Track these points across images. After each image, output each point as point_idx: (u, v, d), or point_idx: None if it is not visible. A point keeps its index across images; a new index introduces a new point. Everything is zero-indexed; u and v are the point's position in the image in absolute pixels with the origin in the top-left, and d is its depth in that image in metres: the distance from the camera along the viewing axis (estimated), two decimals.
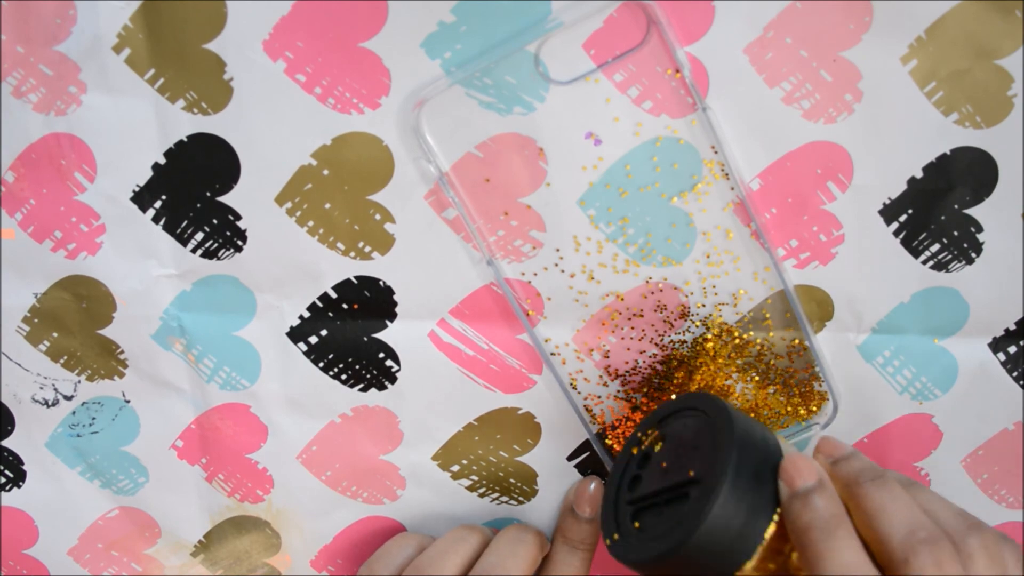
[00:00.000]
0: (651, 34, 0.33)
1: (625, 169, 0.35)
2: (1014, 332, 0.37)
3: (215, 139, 0.35)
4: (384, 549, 0.40)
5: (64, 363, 0.40)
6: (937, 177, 0.35)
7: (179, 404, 0.41)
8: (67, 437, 0.42)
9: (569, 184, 0.36)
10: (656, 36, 0.33)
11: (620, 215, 0.36)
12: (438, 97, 0.34)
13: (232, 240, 0.37)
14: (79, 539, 0.45)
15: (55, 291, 0.39)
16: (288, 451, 0.41)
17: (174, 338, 0.39)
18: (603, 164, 0.35)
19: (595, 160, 0.35)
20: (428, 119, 0.34)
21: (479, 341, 0.39)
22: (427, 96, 0.34)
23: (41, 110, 0.35)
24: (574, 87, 0.34)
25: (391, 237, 0.37)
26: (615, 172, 0.35)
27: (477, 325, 0.38)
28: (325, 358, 0.39)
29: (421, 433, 0.41)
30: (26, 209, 0.37)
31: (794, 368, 0.38)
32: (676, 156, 0.35)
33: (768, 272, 0.37)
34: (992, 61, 0.33)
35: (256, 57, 0.34)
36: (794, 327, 0.37)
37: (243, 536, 0.44)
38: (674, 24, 0.33)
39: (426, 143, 0.35)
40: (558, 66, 0.34)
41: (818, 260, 0.36)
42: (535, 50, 0.33)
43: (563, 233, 0.36)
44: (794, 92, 0.34)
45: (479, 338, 0.38)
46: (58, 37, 0.34)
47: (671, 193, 0.36)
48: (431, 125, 0.35)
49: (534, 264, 0.37)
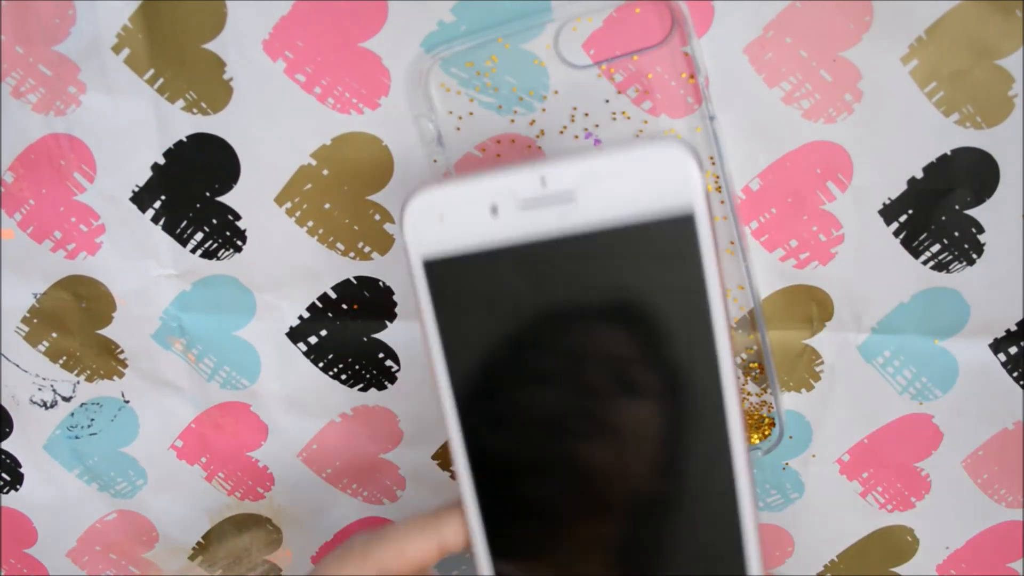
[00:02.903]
0: (673, 34, 0.33)
1: None
2: (1015, 333, 0.37)
3: (215, 139, 0.35)
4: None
5: (63, 363, 0.40)
6: (937, 177, 0.35)
7: (179, 403, 0.41)
8: (65, 439, 0.42)
9: None
10: (678, 37, 0.33)
11: None
12: (446, 60, 0.33)
13: (232, 240, 0.37)
14: (77, 541, 0.45)
15: (55, 291, 0.39)
16: (289, 449, 0.41)
17: (174, 338, 0.39)
18: None
19: None
20: (436, 76, 0.34)
21: None
22: (440, 53, 0.33)
23: (40, 110, 0.35)
24: (573, 87, 0.34)
25: (391, 237, 0.37)
26: None
27: None
28: (325, 358, 0.39)
29: (421, 433, 0.41)
30: (25, 209, 0.37)
31: (747, 390, 0.38)
32: None
33: (741, 291, 0.37)
34: (993, 61, 0.33)
35: (256, 57, 0.34)
36: (757, 346, 0.38)
37: (243, 534, 0.44)
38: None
39: (429, 99, 0.34)
40: (567, 56, 0.34)
41: (818, 260, 0.36)
42: (555, 31, 0.33)
43: None
44: (794, 92, 0.34)
45: None
46: (57, 37, 0.34)
47: None
48: (437, 81, 0.34)
49: None
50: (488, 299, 0.28)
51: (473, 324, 0.28)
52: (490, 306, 0.28)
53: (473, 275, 0.28)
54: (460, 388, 0.29)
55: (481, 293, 0.28)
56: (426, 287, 0.28)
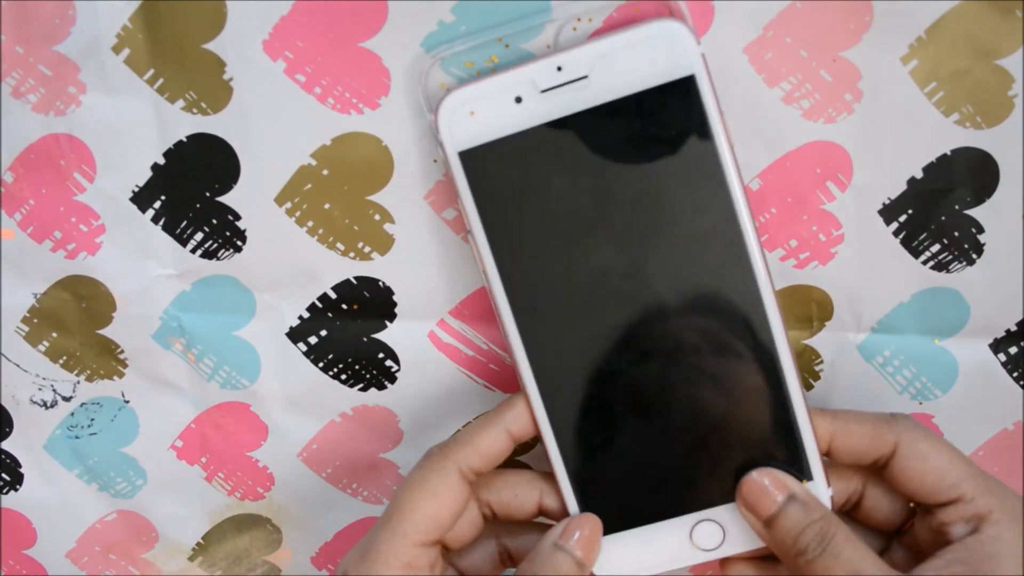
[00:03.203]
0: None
1: None
2: (1015, 333, 0.37)
3: (215, 139, 0.35)
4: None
5: (63, 363, 0.40)
6: (937, 177, 0.35)
7: (179, 403, 0.41)
8: (65, 439, 0.42)
9: None
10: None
11: None
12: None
13: (232, 240, 0.37)
14: (77, 542, 0.44)
15: (55, 291, 0.39)
16: (289, 449, 0.41)
17: (174, 338, 0.39)
18: None
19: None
20: (436, 76, 0.34)
21: (479, 341, 0.38)
22: (440, 53, 0.33)
23: (40, 110, 0.35)
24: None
25: (391, 237, 0.37)
26: None
27: (477, 325, 0.38)
28: (325, 358, 0.39)
29: (421, 433, 0.41)
30: (25, 209, 0.37)
31: None
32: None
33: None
34: (992, 61, 0.33)
35: (256, 57, 0.34)
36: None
37: (243, 534, 0.44)
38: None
39: (429, 99, 0.34)
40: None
41: (817, 260, 0.36)
42: (555, 31, 0.33)
43: None
44: (794, 92, 0.34)
45: (479, 338, 0.38)
46: (57, 37, 0.34)
47: None
48: (437, 81, 0.34)
49: None
50: (520, 176, 0.32)
51: (508, 201, 0.32)
52: (523, 182, 0.32)
53: (505, 157, 0.32)
54: (505, 265, 0.33)
55: (514, 172, 0.32)
56: (463, 175, 0.32)
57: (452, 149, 0.32)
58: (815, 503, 0.32)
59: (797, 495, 0.32)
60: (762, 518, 0.32)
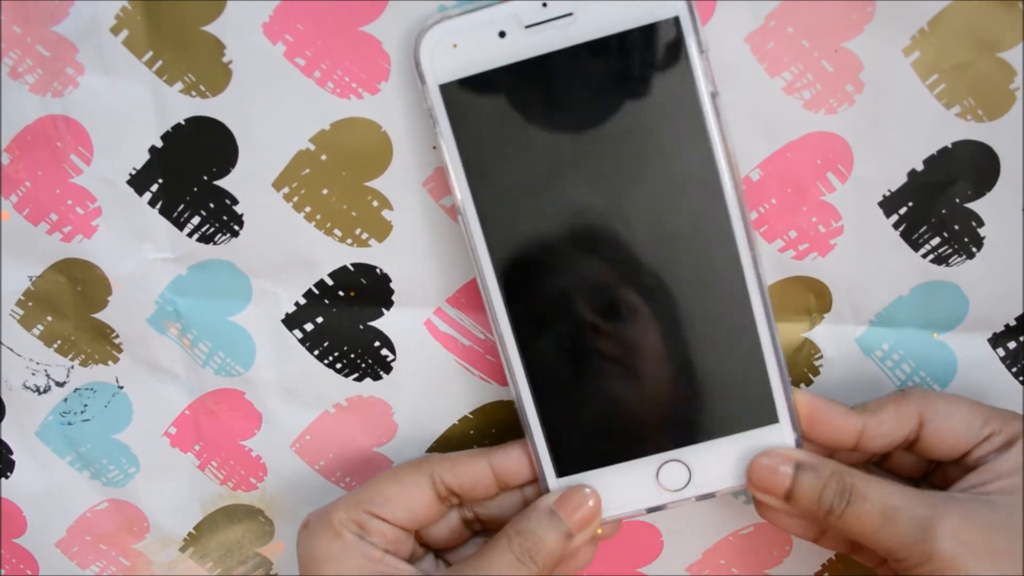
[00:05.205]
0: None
1: None
2: (1014, 328, 0.37)
3: (213, 122, 0.35)
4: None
5: (57, 348, 0.40)
6: (938, 170, 0.35)
7: (173, 389, 0.40)
8: (58, 425, 0.42)
9: None
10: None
11: None
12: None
13: (229, 224, 0.37)
14: (67, 531, 0.44)
15: (50, 274, 0.38)
16: (282, 439, 0.41)
17: (169, 322, 0.39)
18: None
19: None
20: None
21: (475, 330, 0.38)
22: (428, 23, 0.32)
23: (37, 91, 0.35)
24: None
25: (389, 224, 0.37)
26: None
27: (473, 314, 0.38)
28: (320, 346, 0.39)
29: (415, 426, 0.41)
30: (21, 191, 0.37)
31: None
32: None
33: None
34: (995, 54, 0.33)
35: (255, 40, 0.34)
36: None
37: (235, 525, 0.44)
38: None
39: (420, 67, 0.34)
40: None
41: (817, 251, 0.36)
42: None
43: None
44: (795, 82, 0.34)
45: (475, 327, 0.38)
46: (56, 18, 0.34)
47: None
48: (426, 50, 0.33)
49: None
50: (501, 111, 0.32)
51: (488, 135, 0.32)
52: (504, 116, 0.32)
53: (487, 91, 0.32)
54: (481, 199, 0.33)
55: (494, 106, 0.32)
56: (443, 108, 0.32)
57: (433, 81, 0.32)
58: (822, 461, 0.32)
59: (803, 461, 0.32)
60: (780, 496, 0.32)
